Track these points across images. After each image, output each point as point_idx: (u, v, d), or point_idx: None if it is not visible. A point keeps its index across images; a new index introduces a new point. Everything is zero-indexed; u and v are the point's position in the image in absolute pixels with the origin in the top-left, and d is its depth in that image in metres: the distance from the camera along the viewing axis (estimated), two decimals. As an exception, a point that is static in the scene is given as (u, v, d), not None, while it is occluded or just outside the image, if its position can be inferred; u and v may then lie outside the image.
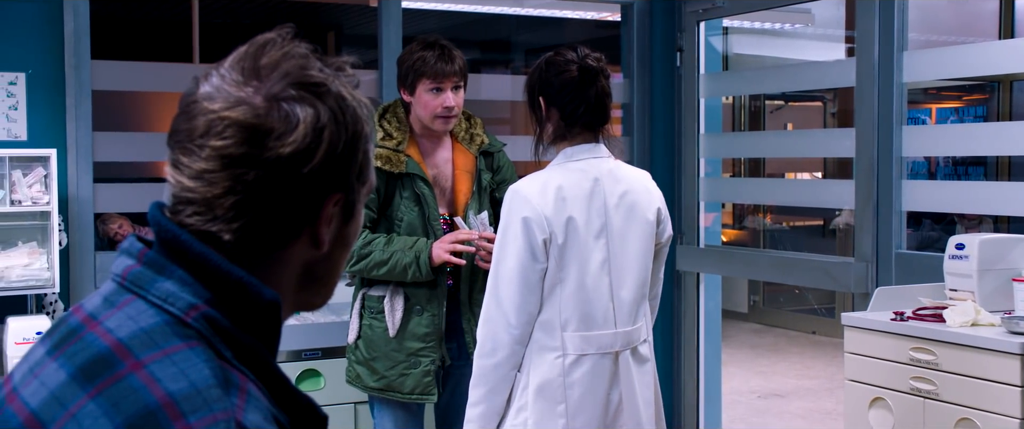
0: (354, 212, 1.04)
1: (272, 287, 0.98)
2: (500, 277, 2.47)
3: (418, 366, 3.06)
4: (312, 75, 0.98)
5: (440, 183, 3.17)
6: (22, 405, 0.94)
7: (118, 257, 0.99)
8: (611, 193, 2.53)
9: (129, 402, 0.87)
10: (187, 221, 0.96)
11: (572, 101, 2.53)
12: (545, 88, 2.56)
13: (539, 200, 2.45)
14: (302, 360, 3.62)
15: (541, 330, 2.49)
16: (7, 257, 3.36)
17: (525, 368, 2.50)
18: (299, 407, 0.99)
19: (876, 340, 3.10)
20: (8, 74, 3.62)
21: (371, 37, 4.37)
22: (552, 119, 2.56)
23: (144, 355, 0.90)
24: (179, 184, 0.96)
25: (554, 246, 2.45)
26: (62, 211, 3.57)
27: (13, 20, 3.63)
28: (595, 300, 2.50)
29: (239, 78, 0.97)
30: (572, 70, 2.53)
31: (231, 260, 0.95)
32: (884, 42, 3.76)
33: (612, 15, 4.94)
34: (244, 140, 0.94)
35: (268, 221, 0.96)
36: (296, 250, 1.00)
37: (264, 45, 0.99)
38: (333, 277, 1.06)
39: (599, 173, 2.53)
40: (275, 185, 0.95)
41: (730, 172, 9.19)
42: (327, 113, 0.97)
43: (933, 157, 8.06)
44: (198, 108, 0.96)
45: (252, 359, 0.95)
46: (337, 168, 0.98)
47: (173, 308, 0.93)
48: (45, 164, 3.41)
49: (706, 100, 4.77)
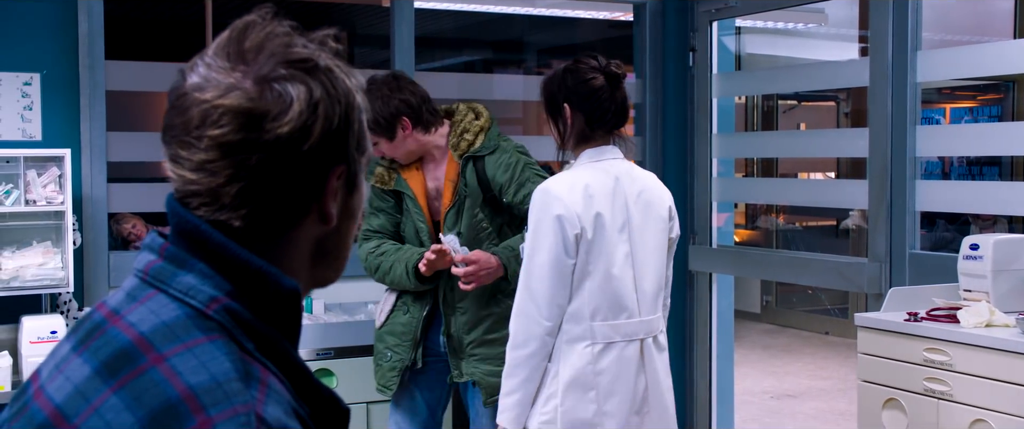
0: (356, 183, 1.04)
1: (287, 269, 0.98)
2: (533, 271, 2.62)
3: (387, 359, 3.27)
4: (298, 52, 0.98)
5: (440, 194, 3.26)
6: (47, 400, 0.94)
7: (141, 252, 1.00)
8: (630, 191, 2.70)
9: (151, 395, 0.88)
10: (198, 213, 0.96)
11: (601, 106, 2.68)
12: (571, 95, 2.70)
13: (570, 197, 2.61)
14: (316, 359, 3.63)
15: (570, 321, 2.64)
16: (22, 256, 3.37)
17: (555, 358, 2.65)
18: (320, 399, 0.99)
19: (890, 341, 3.09)
20: (23, 74, 3.63)
21: (384, 37, 4.38)
22: (577, 123, 2.71)
23: (166, 349, 0.90)
24: (181, 178, 0.96)
25: (584, 241, 2.61)
26: (76, 211, 3.58)
27: (28, 21, 3.65)
28: (621, 291, 2.66)
29: (226, 64, 0.96)
30: (598, 78, 2.69)
31: (245, 246, 0.95)
32: (898, 42, 3.75)
33: (625, 15, 4.94)
34: (241, 125, 0.93)
35: (275, 203, 0.96)
36: (306, 228, 1.00)
37: (246, 28, 0.99)
38: (344, 250, 1.06)
39: (619, 172, 2.70)
40: (278, 166, 0.95)
41: (743, 172, 9.16)
42: (319, 88, 0.97)
43: (947, 157, 8.03)
44: (190, 100, 0.95)
45: (273, 351, 0.95)
46: (336, 141, 0.98)
47: (194, 301, 0.94)
48: (59, 164, 3.43)
49: (719, 100, 4.76)
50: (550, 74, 2.78)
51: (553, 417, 2.62)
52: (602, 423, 2.63)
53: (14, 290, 3.31)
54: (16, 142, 3.59)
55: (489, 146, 3.22)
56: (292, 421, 0.91)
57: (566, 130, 2.71)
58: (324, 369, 3.64)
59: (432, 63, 7.47)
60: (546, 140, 3.75)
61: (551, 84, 2.74)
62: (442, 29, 7.53)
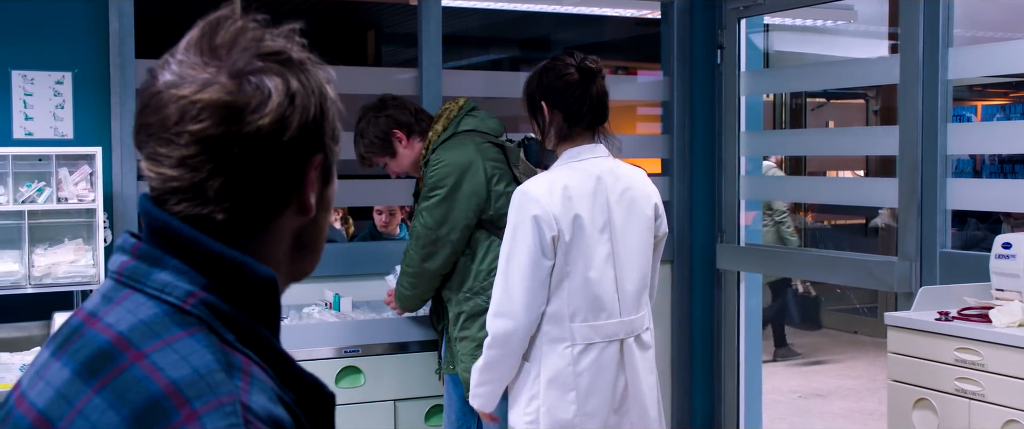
0: (331, 174, 1.05)
1: (268, 261, 0.98)
2: (511, 272, 2.63)
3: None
4: (271, 45, 0.98)
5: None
6: (30, 407, 0.94)
7: (114, 254, 1.00)
8: (612, 190, 2.69)
9: (134, 393, 0.88)
10: (175, 209, 0.96)
11: (575, 102, 2.68)
12: (547, 92, 2.70)
13: (548, 199, 2.61)
14: (343, 357, 3.64)
15: (550, 322, 2.66)
16: (54, 254, 3.40)
17: (536, 359, 2.68)
18: (304, 386, 0.99)
19: (920, 340, 3.06)
20: (55, 74, 3.67)
21: (411, 36, 4.38)
22: (555, 121, 2.70)
23: (145, 346, 0.91)
24: (161, 176, 0.96)
25: (562, 243, 2.62)
26: (107, 208, 3.61)
27: (59, 20, 3.68)
28: (601, 292, 2.66)
29: (198, 60, 0.96)
30: (572, 73, 2.68)
31: (226, 239, 0.96)
32: (929, 39, 3.71)
33: (652, 12, 4.92)
34: (221, 119, 0.94)
35: (257, 195, 0.97)
36: (286, 219, 1.00)
37: (216, 24, 0.99)
38: (320, 242, 1.07)
39: (601, 171, 2.69)
40: (259, 158, 0.95)
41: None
42: (295, 80, 0.97)
43: (979, 155, 7.94)
44: (166, 97, 0.95)
45: (254, 340, 0.95)
46: (313, 131, 0.99)
47: (171, 297, 0.94)
48: (91, 162, 3.46)
49: (747, 98, 4.73)
50: (529, 73, 2.80)
51: (536, 417, 2.66)
52: (582, 424, 2.66)
53: (46, 287, 3.35)
54: (48, 140, 3.63)
55: (432, 151, 3.35)
56: (277, 408, 0.91)
57: (546, 128, 2.72)
58: (351, 366, 3.65)
59: (459, 61, 7.47)
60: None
61: (529, 83, 2.75)
62: (469, 27, 7.53)
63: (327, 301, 3.88)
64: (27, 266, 3.34)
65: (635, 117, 8.30)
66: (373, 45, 8.35)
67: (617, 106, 6.05)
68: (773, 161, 7.70)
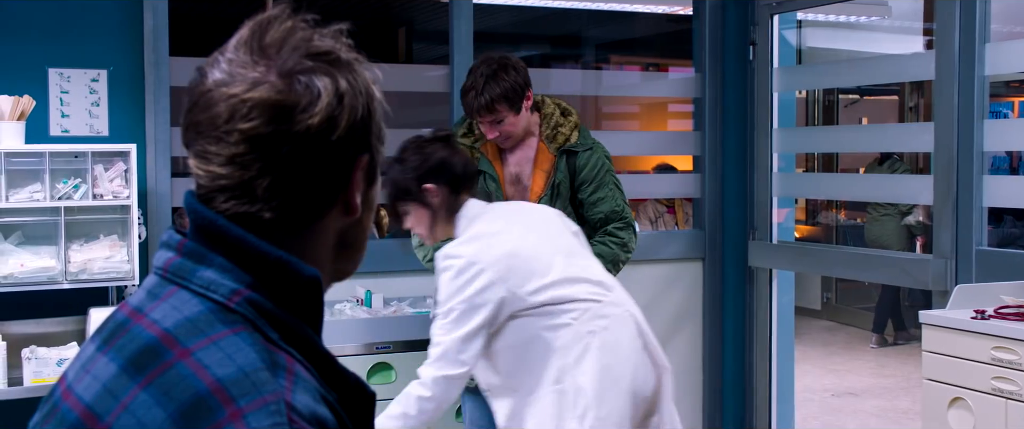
0: (376, 174, 1.05)
1: (312, 261, 0.98)
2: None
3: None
4: (320, 45, 0.99)
5: (521, 180, 3.30)
6: (77, 400, 0.95)
7: (159, 250, 1.01)
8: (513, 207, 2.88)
9: (179, 389, 0.88)
10: (222, 207, 0.97)
11: (453, 177, 2.69)
12: (427, 176, 2.68)
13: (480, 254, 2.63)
14: (374, 353, 3.65)
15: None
16: (89, 250, 3.44)
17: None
18: (347, 384, 0.99)
19: (956, 339, 3.03)
20: (90, 71, 3.71)
21: (443, 33, 4.39)
22: (441, 198, 2.71)
23: (191, 343, 0.91)
24: (209, 173, 0.97)
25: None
26: (141, 205, 3.65)
27: (95, 19, 3.72)
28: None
29: (248, 59, 0.97)
30: (437, 149, 2.69)
31: (272, 238, 0.96)
32: (965, 34, 3.67)
33: (684, 8, 4.89)
34: (271, 118, 0.94)
35: (305, 194, 0.97)
36: (331, 219, 1.01)
37: (266, 23, 0.99)
38: (363, 241, 1.07)
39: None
40: (307, 157, 0.95)
41: (804, 167, 9.05)
42: (343, 80, 0.98)
43: (1016, 151, 7.85)
44: (216, 95, 0.96)
45: (297, 339, 0.95)
46: (360, 132, 0.99)
47: (216, 295, 0.94)
48: (125, 159, 3.49)
49: (779, 94, 4.70)
50: (387, 169, 2.74)
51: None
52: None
53: (82, 283, 3.38)
54: (84, 137, 3.67)
55: (585, 143, 3.30)
56: (321, 407, 0.92)
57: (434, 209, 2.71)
58: (383, 363, 3.67)
59: (490, 58, 7.46)
60: (601, 135, 3.73)
61: (401, 176, 2.69)
62: (500, 24, 7.53)
63: (359, 297, 3.90)
64: (63, 262, 3.38)
65: (666, 114, 8.27)
66: (404, 42, 8.37)
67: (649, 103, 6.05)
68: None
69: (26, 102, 3.39)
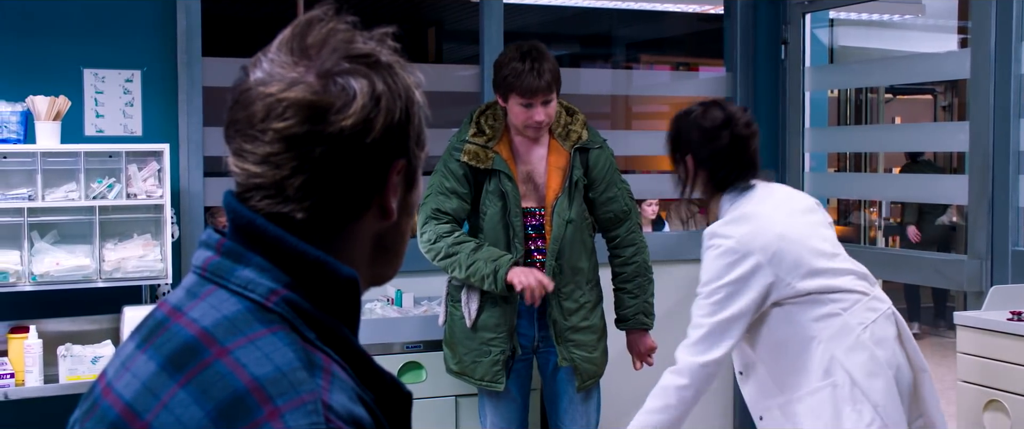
0: (415, 178, 1.04)
1: (347, 263, 0.98)
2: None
3: (488, 355, 3.26)
4: (360, 47, 0.99)
5: (533, 179, 3.26)
6: (117, 398, 0.96)
7: (198, 249, 1.01)
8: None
9: (218, 388, 0.89)
10: (257, 206, 0.97)
11: (724, 166, 2.62)
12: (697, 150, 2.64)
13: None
14: (405, 352, 3.66)
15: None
16: (123, 249, 3.47)
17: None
18: (383, 385, 0.99)
19: (992, 340, 3.00)
20: (125, 72, 3.74)
21: (473, 33, 4.39)
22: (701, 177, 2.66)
23: (229, 342, 0.92)
24: (245, 172, 0.97)
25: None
26: (174, 204, 3.68)
27: (129, 20, 3.75)
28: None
29: (289, 59, 0.97)
30: (723, 138, 2.61)
31: (306, 239, 0.96)
32: (1002, 32, 3.63)
33: (715, 8, 4.87)
34: (306, 118, 0.94)
35: (338, 196, 0.97)
36: (367, 222, 1.00)
37: (308, 24, 1.00)
38: (401, 246, 1.07)
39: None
40: (341, 159, 0.95)
41: (835, 167, 8.99)
42: (381, 82, 0.97)
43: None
44: (254, 94, 0.97)
45: (334, 339, 0.96)
46: (397, 135, 0.99)
47: (254, 294, 0.95)
48: (159, 158, 3.52)
49: (812, 94, 4.66)
50: (677, 117, 2.74)
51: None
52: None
53: (116, 281, 3.42)
54: (118, 137, 3.70)
55: (595, 141, 3.30)
56: (357, 407, 0.92)
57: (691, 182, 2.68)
58: (413, 362, 3.67)
59: (520, 58, 7.47)
60: (631, 135, 3.72)
61: (677, 130, 2.71)
62: (529, 24, 7.53)
63: (389, 297, 3.91)
64: (98, 260, 3.41)
65: (697, 113, 8.22)
66: (434, 42, 8.39)
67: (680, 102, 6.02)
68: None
69: (62, 102, 3.43)
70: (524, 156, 3.27)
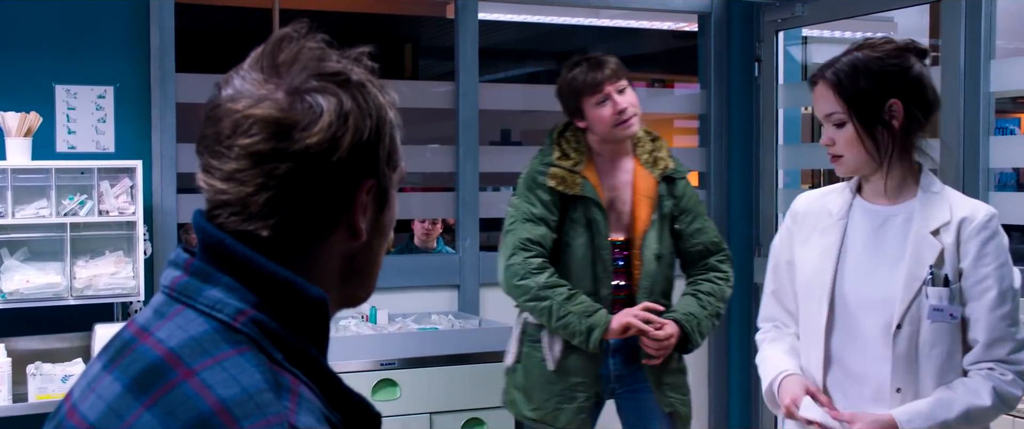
0: (387, 199, 1.04)
1: (316, 283, 0.98)
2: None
3: (573, 401, 2.98)
4: (331, 66, 0.99)
5: (617, 207, 3.01)
6: (81, 419, 0.95)
7: (166, 268, 1.01)
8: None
9: (183, 410, 0.88)
10: (225, 223, 0.97)
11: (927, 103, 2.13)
12: (900, 88, 2.09)
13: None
14: (379, 370, 3.65)
15: None
16: (95, 266, 3.44)
17: None
18: (352, 406, 0.99)
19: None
20: (97, 88, 3.72)
21: (448, 49, 4.40)
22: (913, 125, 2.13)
23: (195, 363, 0.91)
24: (212, 188, 0.97)
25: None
26: (147, 221, 3.65)
27: (101, 35, 3.73)
28: None
29: (259, 77, 0.97)
30: (911, 62, 2.12)
31: (273, 258, 0.96)
32: (970, 50, 3.67)
33: (689, 25, 4.90)
34: (271, 135, 0.94)
35: (303, 214, 0.97)
36: (335, 242, 1.00)
37: (280, 42, 1.00)
38: (374, 268, 1.06)
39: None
40: (306, 177, 0.95)
41: (809, 183, 9.04)
42: (350, 101, 0.97)
43: (1023, 168, 7.82)
44: (223, 110, 0.97)
45: (303, 360, 0.95)
46: (366, 155, 0.98)
47: (221, 315, 0.94)
48: (131, 175, 3.50)
49: (785, 110, 4.70)
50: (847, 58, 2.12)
51: None
52: None
53: (87, 299, 3.39)
54: (90, 153, 3.68)
55: (683, 170, 3.10)
56: (325, 428, 0.91)
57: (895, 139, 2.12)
58: (388, 379, 3.66)
59: (496, 74, 7.49)
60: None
61: (865, 69, 2.10)
62: (505, 40, 7.55)
63: (364, 314, 3.90)
64: (69, 278, 3.38)
65: (672, 130, 8.27)
66: (411, 58, 8.39)
67: (654, 119, 6.04)
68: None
69: (33, 118, 3.41)
70: (609, 181, 3.01)
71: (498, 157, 4.79)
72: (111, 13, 3.74)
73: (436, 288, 4.20)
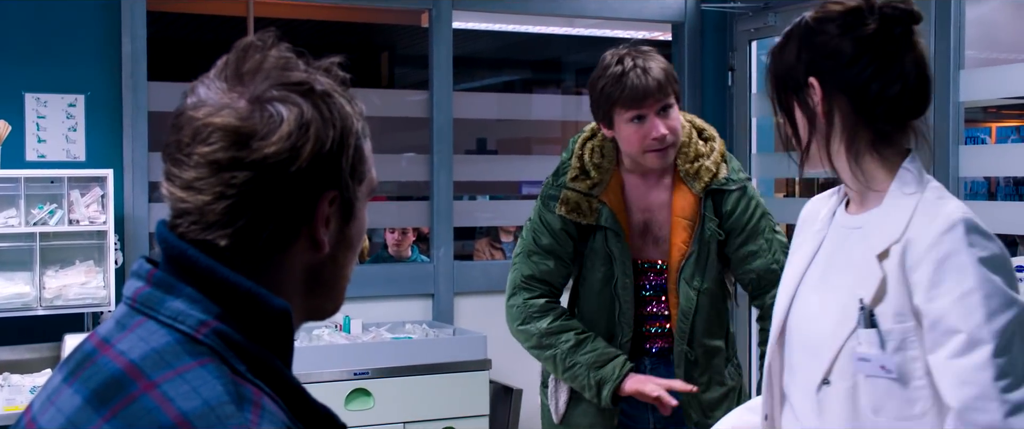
0: (353, 212, 1.02)
1: (279, 295, 0.97)
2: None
3: None
4: (295, 75, 0.98)
5: (652, 231, 2.50)
6: None
7: (129, 279, 1.00)
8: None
9: (143, 423, 0.87)
10: (186, 232, 0.96)
11: (877, 77, 1.66)
12: (822, 63, 1.63)
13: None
14: (353, 379, 3.63)
15: None
16: (65, 276, 3.41)
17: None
18: (317, 417, 0.98)
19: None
20: (68, 96, 3.69)
21: (423, 57, 4.40)
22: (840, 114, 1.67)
23: (156, 375, 0.90)
24: (173, 196, 0.97)
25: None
26: (118, 230, 3.62)
27: (73, 44, 3.71)
28: None
29: (223, 85, 0.97)
30: (869, 25, 1.64)
31: (235, 269, 0.95)
32: (940, 60, 3.70)
33: (663, 34, 4.92)
34: (230, 144, 0.94)
35: (262, 224, 0.96)
36: (296, 253, 0.99)
37: (245, 50, 0.99)
38: (340, 281, 1.05)
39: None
40: (265, 186, 0.94)
41: (783, 192, 9.09)
42: (312, 110, 0.96)
43: (994, 177, 7.90)
44: (185, 118, 0.96)
45: (266, 371, 0.94)
46: (327, 166, 0.97)
47: (183, 326, 0.93)
48: (102, 184, 3.47)
49: (758, 119, 4.72)
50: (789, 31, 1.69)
51: None
52: None
53: (57, 309, 3.36)
54: (60, 162, 3.65)
55: (736, 181, 2.48)
56: None
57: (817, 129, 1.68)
58: (361, 389, 3.64)
59: (470, 83, 7.49)
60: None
61: (785, 51, 1.69)
62: (480, 49, 7.56)
63: (337, 323, 3.88)
64: (38, 288, 3.35)
65: (647, 139, 8.30)
66: (386, 67, 8.38)
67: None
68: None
69: (2, 127, 3.38)
70: (640, 201, 2.49)
71: (473, 166, 4.79)
72: (82, 21, 3.71)
73: (410, 297, 4.19)
